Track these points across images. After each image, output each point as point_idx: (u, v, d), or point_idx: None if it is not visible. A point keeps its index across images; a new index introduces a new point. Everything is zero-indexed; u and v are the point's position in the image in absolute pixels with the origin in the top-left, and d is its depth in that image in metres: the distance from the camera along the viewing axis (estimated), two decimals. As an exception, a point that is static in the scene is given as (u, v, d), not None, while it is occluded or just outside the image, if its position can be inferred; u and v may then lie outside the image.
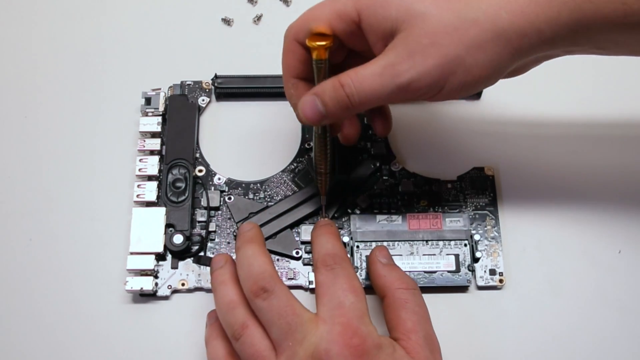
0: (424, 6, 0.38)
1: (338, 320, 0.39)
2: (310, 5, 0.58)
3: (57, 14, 0.58)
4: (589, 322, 0.48)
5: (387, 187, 0.51)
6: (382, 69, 0.38)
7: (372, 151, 0.52)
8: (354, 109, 0.40)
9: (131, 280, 0.47)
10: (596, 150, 0.53)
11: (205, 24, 0.58)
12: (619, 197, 0.51)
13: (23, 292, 0.49)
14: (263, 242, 0.44)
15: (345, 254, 0.43)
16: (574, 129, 0.54)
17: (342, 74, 0.39)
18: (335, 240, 0.44)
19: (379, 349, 0.39)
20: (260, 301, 0.40)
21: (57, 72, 0.56)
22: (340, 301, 0.40)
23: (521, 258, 0.50)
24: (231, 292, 0.42)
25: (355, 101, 0.39)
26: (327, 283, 0.41)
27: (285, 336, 0.39)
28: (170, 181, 0.50)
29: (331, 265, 0.42)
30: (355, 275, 0.42)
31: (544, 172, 0.52)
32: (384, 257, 0.45)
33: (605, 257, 0.50)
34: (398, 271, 0.44)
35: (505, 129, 0.54)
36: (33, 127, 0.54)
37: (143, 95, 0.52)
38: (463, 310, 0.49)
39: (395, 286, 0.43)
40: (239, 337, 0.40)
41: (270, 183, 0.51)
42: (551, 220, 0.51)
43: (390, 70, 0.38)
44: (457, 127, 0.54)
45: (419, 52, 0.38)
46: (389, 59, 0.38)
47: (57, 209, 0.51)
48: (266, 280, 0.40)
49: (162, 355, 0.47)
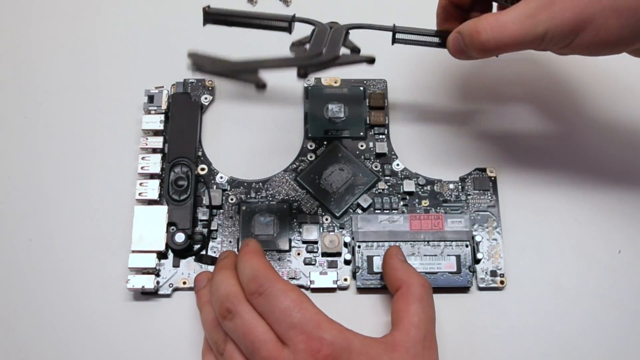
0: None
1: (298, 339, 0.39)
2: (310, 4, 0.59)
3: (59, 13, 0.58)
4: (589, 322, 0.48)
5: (389, 187, 0.52)
6: (524, 18, 0.40)
7: (374, 150, 0.52)
8: (489, 54, 0.42)
9: (133, 278, 0.47)
10: (597, 151, 0.53)
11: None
12: (618, 197, 0.52)
13: (24, 292, 0.49)
14: (235, 268, 0.43)
15: (268, 269, 0.42)
16: (574, 129, 0.54)
17: (481, 19, 0.42)
18: (253, 261, 0.42)
19: (349, 351, 0.39)
20: (227, 322, 0.41)
21: (58, 71, 0.56)
22: (289, 321, 0.39)
23: (522, 259, 0.50)
24: (213, 311, 0.43)
25: (489, 47, 0.41)
26: (265, 311, 0.40)
27: (252, 355, 0.39)
28: (172, 179, 0.50)
29: (258, 291, 0.40)
30: (289, 285, 0.41)
31: (545, 174, 0.52)
32: (401, 254, 0.47)
33: (605, 257, 0.50)
34: (415, 270, 0.45)
35: (508, 131, 0.54)
36: (33, 127, 0.54)
37: (146, 93, 0.52)
38: (464, 311, 0.49)
39: (413, 280, 0.44)
40: (222, 352, 0.41)
41: (272, 182, 0.51)
42: (552, 222, 0.51)
43: (530, 21, 0.40)
44: (460, 128, 0.54)
45: (558, 4, 0.40)
46: (530, 7, 0.40)
47: (57, 208, 0.51)
48: (230, 302, 0.41)
49: (163, 354, 0.47)
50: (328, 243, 0.49)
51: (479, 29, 0.41)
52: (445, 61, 0.57)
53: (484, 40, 0.41)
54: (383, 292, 0.48)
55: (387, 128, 0.53)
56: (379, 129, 0.53)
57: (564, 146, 0.53)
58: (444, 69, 0.56)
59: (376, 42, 0.57)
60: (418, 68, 0.56)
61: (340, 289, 0.49)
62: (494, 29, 0.41)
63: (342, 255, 0.49)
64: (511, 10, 0.41)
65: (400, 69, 0.56)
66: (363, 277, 0.48)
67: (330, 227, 0.50)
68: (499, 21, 0.41)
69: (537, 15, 0.40)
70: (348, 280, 0.49)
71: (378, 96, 0.54)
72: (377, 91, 0.54)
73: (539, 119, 0.54)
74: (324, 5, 0.58)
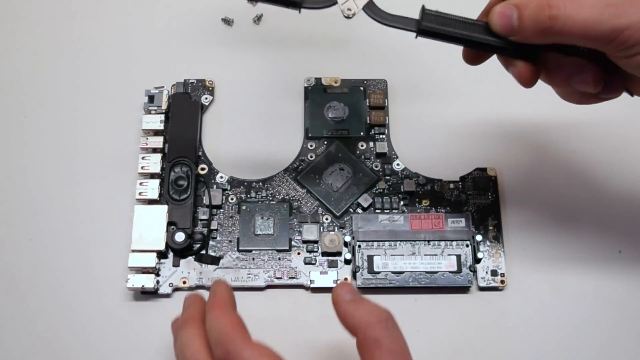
0: None
1: None
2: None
3: (59, 13, 0.58)
4: (589, 322, 0.48)
5: (389, 186, 0.52)
6: (606, 5, 0.35)
7: (374, 150, 0.53)
8: (551, 36, 0.36)
9: (132, 277, 0.47)
10: (597, 151, 0.53)
11: (206, 24, 0.58)
12: (619, 197, 0.52)
13: (24, 291, 0.49)
14: (203, 319, 0.39)
15: (236, 330, 0.37)
16: (575, 129, 0.54)
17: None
18: (220, 320, 0.37)
19: None
20: None
21: (58, 71, 0.56)
22: None
23: (522, 259, 0.50)
24: None
25: (557, 27, 0.36)
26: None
27: None
28: (172, 179, 0.50)
29: (226, 359, 0.36)
30: (257, 351, 0.36)
31: (545, 174, 0.52)
32: (348, 292, 0.39)
33: (605, 257, 0.50)
34: (366, 305, 0.38)
35: (508, 130, 0.54)
36: (33, 127, 0.54)
37: (146, 93, 0.52)
38: (464, 311, 0.49)
39: (364, 324, 0.37)
40: None
41: (272, 182, 0.51)
42: (552, 221, 0.51)
43: (613, 10, 0.35)
44: (460, 128, 0.54)
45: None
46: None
47: (57, 207, 0.51)
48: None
49: (163, 353, 0.47)
50: (328, 242, 0.49)
51: (552, 3, 0.35)
52: (445, 61, 0.57)
53: (553, 15, 0.35)
54: (383, 292, 0.48)
55: (387, 128, 0.53)
56: (379, 129, 0.53)
57: (565, 146, 0.53)
58: (444, 69, 0.56)
59: (376, 41, 0.58)
60: (418, 68, 0.56)
61: (340, 289, 0.49)
62: (569, 7, 0.35)
63: (343, 254, 0.49)
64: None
65: (400, 69, 0.56)
66: (363, 276, 0.48)
67: (331, 227, 0.50)
68: (576, 0, 0.35)
69: (622, 5, 0.35)
70: (348, 280, 0.49)
71: (378, 96, 0.54)
72: (377, 91, 0.54)
73: (539, 119, 0.54)
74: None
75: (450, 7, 0.40)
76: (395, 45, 0.57)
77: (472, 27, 0.39)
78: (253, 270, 0.49)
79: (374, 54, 0.57)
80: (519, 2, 0.37)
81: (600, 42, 0.36)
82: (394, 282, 0.48)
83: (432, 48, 0.57)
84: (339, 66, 0.56)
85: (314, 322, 0.48)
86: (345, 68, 0.56)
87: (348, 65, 0.56)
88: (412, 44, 0.57)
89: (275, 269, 0.49)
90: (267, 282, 0.49)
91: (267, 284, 0.49)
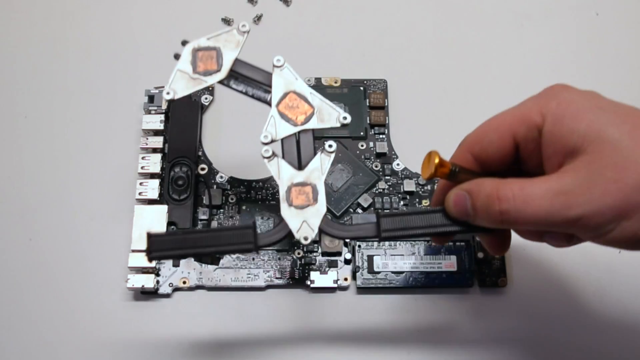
0: (618, 133, 0.32)
1: None
2: (310, 5, 0.59)
3: (59, 13, 0.58)
4: (589, 322, 0.48)
5: (389, 186, 0.52)
6: (555, 195, 0.33)
7: (374, 150, 0.52)
8: (504, 226, 0.35)
9: (133, 277, 0.47)
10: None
11: (206, 24, 0.58)
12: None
13: (24, 291, 0.49)
14: None
15: None
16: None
17: (505, 184, 0.34)
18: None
19: None
20: None
21: (58, 71, 0.56)
22: None
23: (523, 259, 0.50)
24: None
25: (508, 219, 0.34)
26: None
27: None
28: (172, 179, 0.50)
29: None
30: None
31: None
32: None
33: (605, 257, 0.50)
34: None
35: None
36: (33, 127, 0.54)
37: (146, 93, 0.53)
38: (465, 310, 0.49)
39: None
40: None
41: (272, 182, 0.51)
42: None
43: (563, 199, 0.33)
44: (460, 128, 0.54)
45: (600, 185, 0.32)
46: (565, 184, 0.33)
47: (57, 207, 0.51)
48: None
49: (163, 353, 0.47)
50: (328, 242, 0.49)
51: (501, 196, 0.34)
52: (445, 61, 0.57)
53: (504, 209, 0.34)
54: (383, 292, 0.48)
55: (387, 128, 0.53)
56: (379, 128, 0.53)
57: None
58: (444, 69, 0.56)
59: (376, 41, 0.58)
60: (418, 68, 0.56)
61: (340, 289, 0.49)
62: (517, 200, 0.33)
63: (343, 254, 0.49)
64: (541, 182, 0.34)
65: (400, 69, 0.56)
66: (363, 276, 0.48)
67: (331, 227, 0.50)
68: (524, 191, 0.33)
69: (572, 195, 0.32)
70: (348, 280, 0.49)
71: (378, 96, 0.54)
72: (377, 91, 0.54)
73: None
74: (324, 5, 0.58)
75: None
76: (395, 45, 0.57)
77: (431, 218, 0.38)
78: (253, 270, 0.49)
79: (374, 54, 0.57)
80: (469, 188, 0.36)
81: (557, 229, 0.35)
82: (394, 282, 0.48)
83: (432, 48, 0.58)
84: (339, 66, 0.56)
85: (314, 322, 0.48)
86: (345, 68, 0.56)
87: (348, 65, 0.56)
88: (412, 44, 0.58)
89: (275, 269, 0.49)
90: (267, 282, 0.49)
91: (267, 284, 0.49)
